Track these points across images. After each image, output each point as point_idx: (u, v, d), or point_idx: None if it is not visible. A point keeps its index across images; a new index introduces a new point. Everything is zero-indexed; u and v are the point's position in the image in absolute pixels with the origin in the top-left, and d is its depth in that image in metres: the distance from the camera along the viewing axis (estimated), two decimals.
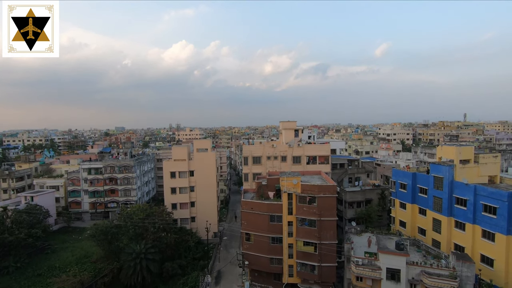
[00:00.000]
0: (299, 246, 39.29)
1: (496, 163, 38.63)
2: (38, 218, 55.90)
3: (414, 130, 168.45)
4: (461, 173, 36.74)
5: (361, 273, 33.34)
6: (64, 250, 54.13)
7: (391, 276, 32.24)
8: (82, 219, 71.53)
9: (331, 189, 39.02)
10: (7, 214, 51.64)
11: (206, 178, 60.00)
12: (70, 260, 49.88)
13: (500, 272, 31.46)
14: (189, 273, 45.49)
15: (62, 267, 47.06)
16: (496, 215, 31.88)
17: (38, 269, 47.05)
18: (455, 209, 36.61)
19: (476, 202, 34.03)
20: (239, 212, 63.09)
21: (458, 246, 36.06)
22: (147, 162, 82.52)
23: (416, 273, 31.54)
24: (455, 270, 30.28)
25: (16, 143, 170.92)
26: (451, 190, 36.95)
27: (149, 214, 49.16)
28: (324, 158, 54.49)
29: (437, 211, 38.78)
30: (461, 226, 35.79)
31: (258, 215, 40.99)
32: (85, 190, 72.07)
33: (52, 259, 50.45)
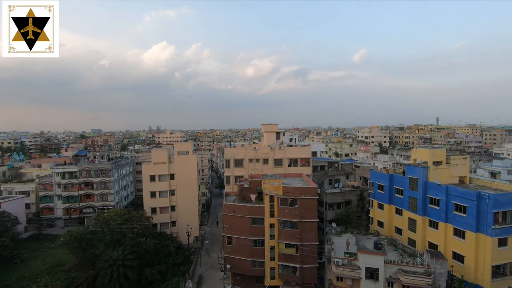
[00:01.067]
0: (281, 248, 39.44)
1: (466, 165, 40.83)
2: (6, 225, 52.67)
3: (391, 133, 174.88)
4: (434, 174, 38.49)
5: (341, 273, 33.96)
6: (34, 259, 51.24)
7: (370, 275, 33.09)
8: (55, 225, 68.04)
9: (312, 191, 39.58)
10: None
11: (187, 182, 59.03)
12: (41, 269, 47.29)
13: (470, 268, 33.14)
14: (169, 279, 44.43)
15: (32, 277, 44.51)
16: (466, 214, 33.62)
17: (6, 280, 44.22)
18: (429, 209, 38.24)
19: (448, 202, 35.73)
20: (220, 216, 62.59)
21: (432, 244, 37.65)
22: (125, 166, 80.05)
23: (393, 272, 32.57)
24: (429, 267, 31.56)
25: None
26: (425, 191, 38.59)
27: (127, 219, 47.61)
28: (305, 161, 55.24)
29: (412, 211, 40.34)
30: (435, 225, 37.41)
31: (240, 218, 40.80)
32: (58, 195, 68.73)
33: (21, 269, 47.59)
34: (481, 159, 70.61)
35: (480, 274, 32.57)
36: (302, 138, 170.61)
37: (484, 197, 32.22)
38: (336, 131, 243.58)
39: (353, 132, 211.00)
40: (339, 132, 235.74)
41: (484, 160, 64.86)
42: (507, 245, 32.18)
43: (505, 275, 32.36)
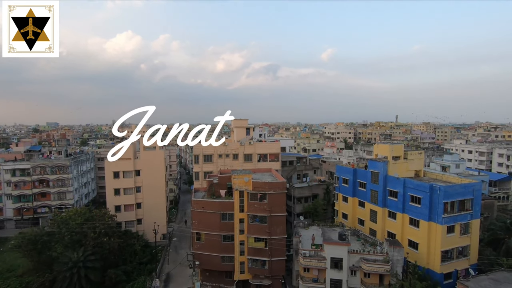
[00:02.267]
0: (250, 243, 39.86)
1: (421, 159, 44.23)
2: None
3: (355, 130, 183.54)
4: (393, 168, 41.19)
5: (308, 264, 35.26)
6: None
7: (335, 265, 34.77)
8: (4, 227, 62.33)
9: (281, 185, 40.37)
10: None
11: (153, 178, 57.03)
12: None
13: (423, 254, 36.17)
14: (135, 278, 42.86)
15: None
16: (420, 204, 36.51)
17: None
18: (388, 201, 40.93)
19: (405, 194, 38.52)
20: (189, 214, 61.45)
21: (390, 233, 40.42)
22: (86, 162, 75.31)
23: (356, 260, 34.53)
24: (387, 255, 33.90)
25: None
26: (385, 184, 41.19)
27: (88, 218, 44.99)
28: (275, 156, 56.07)
29: (374, 203, 42.89)
30: (393, 216, 40.18)
31: (209, 214, 40.45)
32: (8, 195, 62.83)
33: None
34: (433, 154, 76.88)
35: (431, 259, 35.69)
36: (272, 133, 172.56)
37: (435, 189, 35.19)
38: (304, 127, 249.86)
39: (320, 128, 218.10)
40: (307, 128, 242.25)
41: (437, 155, 70.70)
42: (454, 232, 35.59)
43: (452, 259, 35.83)
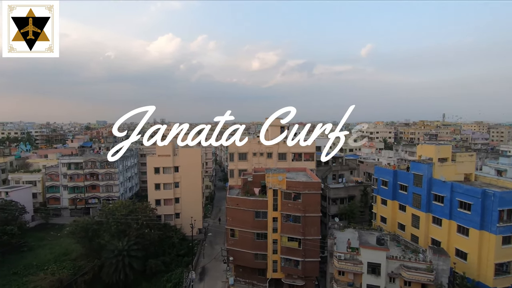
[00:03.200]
0: (283, 242, 39.75)
1: (472, 162, 40.46)
2: (14, 214, 53.69)
3: (396, 129, 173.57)
4: (439, 171, 38.24)
5: (343, 268, 34.20)
6: (41, 248, 52.29)
7: (372, 270, 33.27)
8: (61, 215, 69.19)
9: (316, 185, 39.63)
10: None
11: (191, 174, 59.40)
12: (48, 258, 48.30)
13: (473, 264, 33.13)
14: (173, 269, 45.11)
15: (39, 265, 45.52)
16: (470, 211, 33.46)
17: (14, 267, 45.28)
18: (433, 206, 38.11)
19: (452, 199, 35.56)
20: (223, 211, 63.00)
21: (435, 240, 37.63)
22: (130, 157, 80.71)
23: (395, 267, 32.71)
24: (431, 263, 31.61)
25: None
26: (429, 187, 38.40)
27: (132, 210, 48.23)
28: (309, 155, 55.16)
29: (416, 207, 40.24)
30: (438, 222, 37.34)
31: (243, 211, 41.09)
32: (64, 186, 69.71)
33: (28, 257, 48.65)
34: (487, 156, 69.94)
35: (483, 271, 32.57)
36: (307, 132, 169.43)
37: (489, 194, 32.00)
38: None
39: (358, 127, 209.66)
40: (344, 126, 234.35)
41: (491, 158, 64.23)
42: (511, 243, 32.07)
43: (508, 273, 32.34)
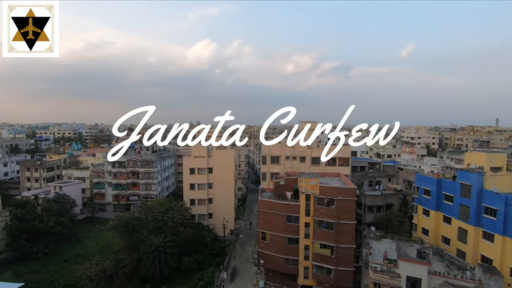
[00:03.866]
0: (315, 248, 38.83)
1: None
2: (66, 207, 58.90)
3: (441, 134, 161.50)
4: (491, 181, 34.76)
5: (379, 280, 32.44)
6: (88, 239, 56.77)
7: (411, 285, 31.12)
8: (106, 210, 74.52)
9: (351, 192, 38.24)
10: (38, 202, 54.86)
11: (224, 176, 60.63)
12: (93, 249, 52.24)
13: None
14: (205, 268, 46.19)
15: (86, 255, 49.38)
16: None
17: (64, 255, 49.65)
18: (483, 219, 34.69)
19: (507, 213, 32.06)
20: (255, 212, 63.27)
21: (485, 258, 34.17)
22: (167, 158, 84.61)
23: (438, 284, 30.25)
24: (481, 283, 28.74)
25: (48, 135, 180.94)
26: (479, 199, 35.04)
27: (168, 209, 50.41)
28: (344, 160, 53.44)
29: (463, 220, 36.94)
30: (490, 237, 33.87)
31: (275, 214, 40.93)
32: (109, 183, 75.07)
33: (77, 247, 53.06)
34: None
35: None
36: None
37: None
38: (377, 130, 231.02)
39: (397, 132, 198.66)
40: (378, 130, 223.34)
41: None
42: None
43: None
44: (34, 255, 47.97)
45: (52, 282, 42.27)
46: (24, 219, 49.01)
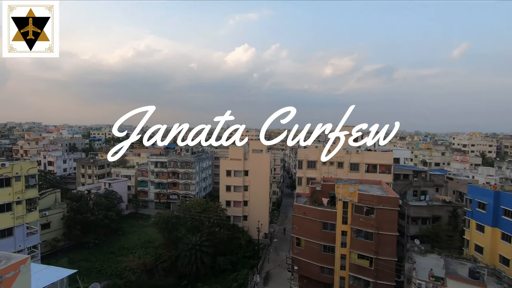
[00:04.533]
0: (352, 258, 37.17)
1: None
2: (114, 202, 63.77)
3: (499, 142, 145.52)
4: None
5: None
6: (132, 234, 60.75)
7: None
8: (148, 207, 79.22)
9: (392, 201, 36.06)
10: (90, 197, 60.15)
11: (259, 179, 61.00)
12: (136, 243, 55.75)
13: None
14: (239, 270, 46.70)
15: (130, 248, 52.88)
16: None
17: (111, 247, 53.68)
18: None
19: None
20: (290, 216, 62.60)
21: None
22: (205, 160, 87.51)
23: None
24: None
25: (100, 136, 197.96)
26: None
27: (205, 209, 52.01)
28: (386, 167, 50.67)
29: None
30: None
31: (310, 220, 40.07)
32: (151, 181, 79.74)
33: (122, 240, 57.06)
34: None
35: None
36: None
37: None
38: (424, 137, 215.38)
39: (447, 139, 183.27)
40: (429, 137, 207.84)
41: None
42: None
43: None
44: (86, 245, 52.61)
45: (101, 271, 45.88)
46: (79, 212, 54.08)
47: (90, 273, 44.27)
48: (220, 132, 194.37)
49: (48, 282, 19.98)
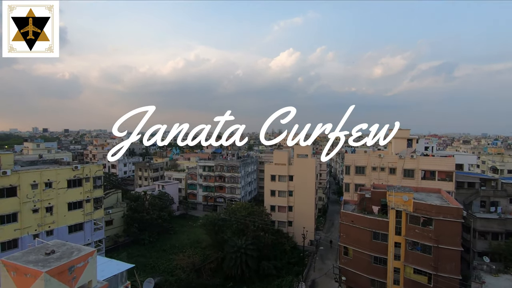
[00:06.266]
0: (407, 273, 34.21)
1: None
2: (166, 203, 68.25)
3: None
4: None
5: None
6: (182, 233, 64.19)
7: None
8: (197, 209, 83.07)
9: (455, 212, 32.41)
10: (146, 197, 65.26)
11: (304, 184, 59.89)
12: (186, 242, 58.71)
13: None
14: (284, 276, 46.13)
15: (180, 247, 55.85)
16: None
17: (164, 245, 57.35)
18: None
19: None
20: (337, 224, 60.16)
21: None
22: (250, 164, 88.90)
23: None
24: None
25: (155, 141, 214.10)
26: None
27: (250, 213, 52.67)
28: (446, 174, 45.96)
29: None
30: None
31: (359, 229, 37.99)
32: (199, 184, 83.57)
33: (173, 239, 60.61)
34: None
35: None
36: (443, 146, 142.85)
37: None
38: (494, 140, 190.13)
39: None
40: (500, 141, 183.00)
41: None
42: None
43: None
44: (142, 242, 57.06)
45: (154, 267, 49.24)
46: (136, 211, 59.02)
47: (145, 268, 47.74)
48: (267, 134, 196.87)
49: (111, 274, 22.13)
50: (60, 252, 14.99)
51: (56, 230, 40.81)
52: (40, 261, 13.96)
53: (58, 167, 42.59)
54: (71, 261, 14.22)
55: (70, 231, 42.49)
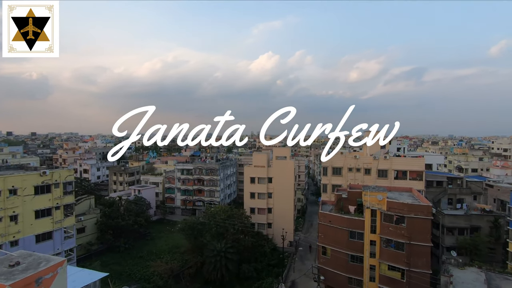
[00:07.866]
0: (382, 270, 35.48)
1: None
2: (143, 208, 66.12)
3: None
4: None
5: None
6: (159, 239, 62.43)
7: None
8: (175, 213, 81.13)
9: (425, 209, 34.15)
10: (121, 203, 62.87)
11: (283, 186, 60.48)
12: (164, 248, 57.15)
13: None
14: (264, 278, 46.19)
15: (157, 253, 54.27)
16: None
17: (140, 252, 55.46)
18: None
19: None
20: (315, 225, 61.25)
21: None
22: (230, 167, 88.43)
23: None
24: None
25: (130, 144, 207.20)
26: None
27: (229, 216, 52.32)
28: (417, 174, 48.28)
29: None
30: None
31: (336, 229, 38.93)
32: (178, 188, 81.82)
33: (150, 245, 58.78)
34: None
35: None
36: (413, 147, 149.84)
37: None
38: (459, 141, 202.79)
39: (485, 143, 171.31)
40: (464, 142, 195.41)
41: None
42: None
43: None
44: (117, 249, 54.82)
45: (130, 274, 47.45)
46: (110, 217, 56.63)
47: (121, 276, 45.90)
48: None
49: (83, 284, 21.09)
50: (26, 263, 14.03)
51: (22, 240, 38.22)
52: (4, 274, 12.98)
53: (24, 173, 40.03)
54: (38, 272, 13.35)
55: (37, 240, 39.92)
